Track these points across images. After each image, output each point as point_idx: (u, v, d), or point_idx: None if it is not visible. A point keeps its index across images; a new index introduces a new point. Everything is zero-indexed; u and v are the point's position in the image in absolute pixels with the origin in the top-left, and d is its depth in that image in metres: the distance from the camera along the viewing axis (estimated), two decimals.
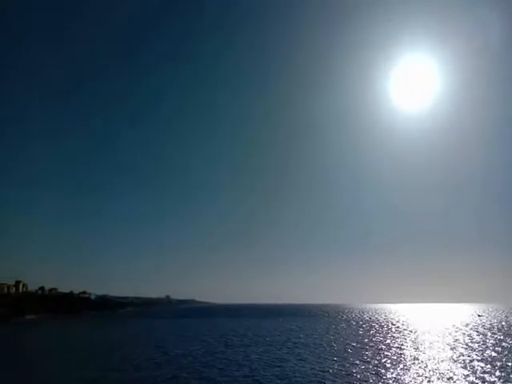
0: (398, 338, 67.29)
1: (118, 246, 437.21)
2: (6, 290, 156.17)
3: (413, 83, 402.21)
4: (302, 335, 71.79)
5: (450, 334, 74.55)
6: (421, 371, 36.21)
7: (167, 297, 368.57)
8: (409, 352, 48.69)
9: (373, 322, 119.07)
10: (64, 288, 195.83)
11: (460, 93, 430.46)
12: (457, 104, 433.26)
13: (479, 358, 43.48)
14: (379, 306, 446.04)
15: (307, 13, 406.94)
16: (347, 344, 57.34)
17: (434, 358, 43.33)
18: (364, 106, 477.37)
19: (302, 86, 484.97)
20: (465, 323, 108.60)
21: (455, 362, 41.40)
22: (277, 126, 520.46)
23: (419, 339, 64.47)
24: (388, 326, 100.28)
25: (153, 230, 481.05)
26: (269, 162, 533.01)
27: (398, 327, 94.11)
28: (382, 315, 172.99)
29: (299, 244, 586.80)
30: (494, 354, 47.16)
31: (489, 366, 39.03)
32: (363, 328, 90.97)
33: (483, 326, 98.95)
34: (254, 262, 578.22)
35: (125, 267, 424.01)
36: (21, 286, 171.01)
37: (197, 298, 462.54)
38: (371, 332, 79.58)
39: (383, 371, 36.28)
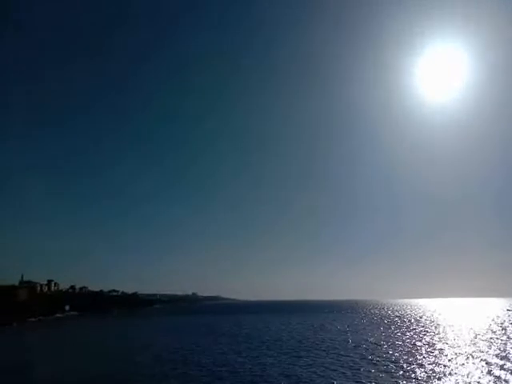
0: (428, 333, 66.19)
1: (146, 245, 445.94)
2: (38, 288, 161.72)
3: (441, 73, 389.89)
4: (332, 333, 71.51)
5: (479, 328, 72.72)
6: (451, 368, 35.61)
7: (193, 294, 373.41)
8: (438, 348, 47.90)
9: (405, 317, 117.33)
10: (94, 286, 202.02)
11: (490, 82, 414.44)
12: (488, 94, 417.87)
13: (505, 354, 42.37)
14: (408, 301, 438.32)
15: (329, 2, 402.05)
16: (367, 341, 56.86)
17: (462, 354, 42.53)
18: (391, 97, 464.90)
19: (326, 78, 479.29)
20: (495, 317, 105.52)
21: (481, 358, 40.48)
22: (302, 121, 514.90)
23: (450, 335, 63.23)
24: (417, 321, 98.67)
25: (179, 229, 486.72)
26: (294, 159, 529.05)
27: (427, 322, 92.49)
28: (413, 310, 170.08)
29: (327, 240, 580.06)
30: None
31: None
32: (392, 324, 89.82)
33: None
34: (281, 258, 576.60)
35: (153, 265, 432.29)
36: (53, 285, 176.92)
37: (222, 295, 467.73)
38: (402, 328, 78.49)
39: (415, 369, 35.87)
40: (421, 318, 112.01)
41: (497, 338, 56.08)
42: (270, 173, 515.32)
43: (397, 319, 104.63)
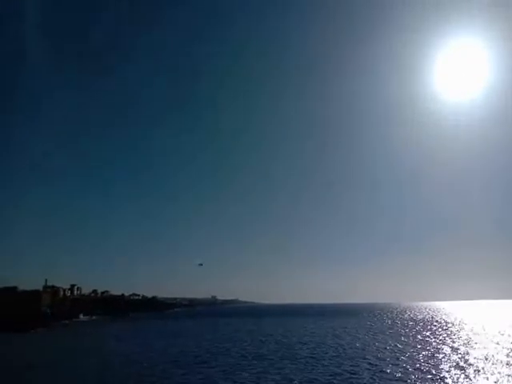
0: (450, 336, 65.75)
1: (168, 249, 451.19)
2: (62, 293, 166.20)
3: (460, 72, 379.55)
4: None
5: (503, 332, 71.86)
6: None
7: (213, 297, 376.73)
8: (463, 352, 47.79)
9: (426, 320, 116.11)
10: (115, 291, 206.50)
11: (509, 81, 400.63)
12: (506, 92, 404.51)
13: None
14: (430, 303, 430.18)
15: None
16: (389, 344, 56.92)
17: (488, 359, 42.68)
18: (407, 96, 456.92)
19: (339, 77, 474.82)
20: None
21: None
22: (311, 121, 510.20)
23: (477, 339, 62.76)
24: (438, 324, 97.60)
25: (199, 233, 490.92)
26: (308, 161, 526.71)
27: (449, 325, 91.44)
28: (434, 314, 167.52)
29: (344, 244, 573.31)
30: None
31: None
32: (413, 326, 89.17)
33: None
34: (299, 262, 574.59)
35: (173, 269, 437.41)
36: (75, 290, 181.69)
37: (240, 298, 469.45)
38: (425, 331, 77.98)
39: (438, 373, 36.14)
40: (440, 320, 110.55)
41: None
42: (287, 177, 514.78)
43: (417, 323, 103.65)
